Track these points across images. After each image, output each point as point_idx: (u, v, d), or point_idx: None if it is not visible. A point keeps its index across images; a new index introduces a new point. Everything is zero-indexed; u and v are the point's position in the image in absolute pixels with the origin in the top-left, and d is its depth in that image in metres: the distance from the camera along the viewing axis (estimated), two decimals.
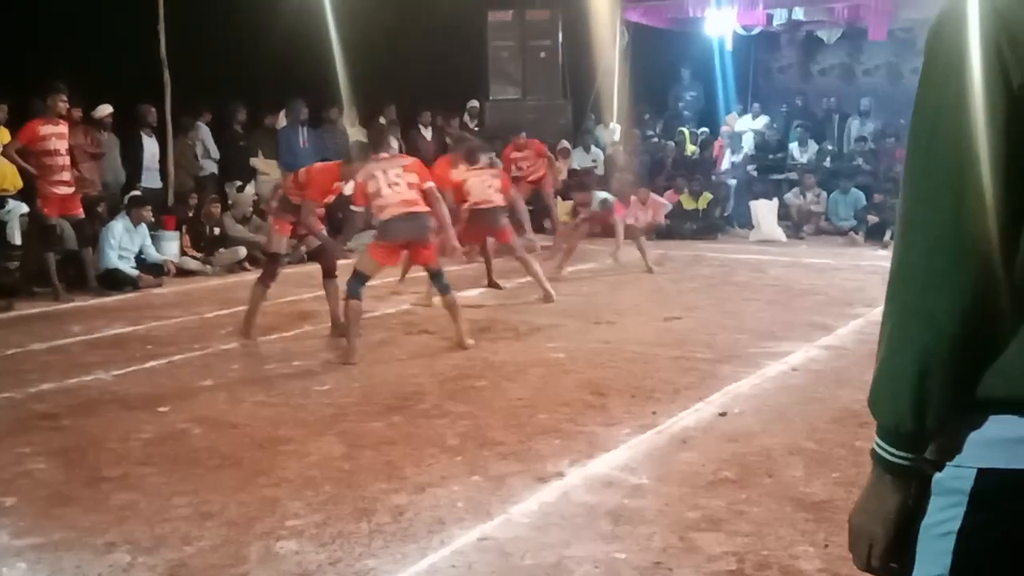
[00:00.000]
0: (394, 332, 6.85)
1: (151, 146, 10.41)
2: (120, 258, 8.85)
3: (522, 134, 12.18)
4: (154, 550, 3.26)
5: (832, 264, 9.94)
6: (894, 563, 1.27)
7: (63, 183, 8.43)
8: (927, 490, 1.24)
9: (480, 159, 8.42)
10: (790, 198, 12.75)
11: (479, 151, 8.36)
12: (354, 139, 10.93)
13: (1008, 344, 1.17)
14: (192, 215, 10.11)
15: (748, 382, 5.35)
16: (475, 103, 13.89)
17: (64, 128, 8.52)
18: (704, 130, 14.55)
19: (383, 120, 12.01)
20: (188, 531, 3.41)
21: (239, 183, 11.09)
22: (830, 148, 13.84)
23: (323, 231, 6.56)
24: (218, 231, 10.14)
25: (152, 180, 10.41)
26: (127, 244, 8.98)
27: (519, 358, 5.97)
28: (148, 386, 5.45)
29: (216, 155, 11.26)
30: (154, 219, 9.42)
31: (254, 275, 7.46)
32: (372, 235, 6.42)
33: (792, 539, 3.28)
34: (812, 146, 13.71)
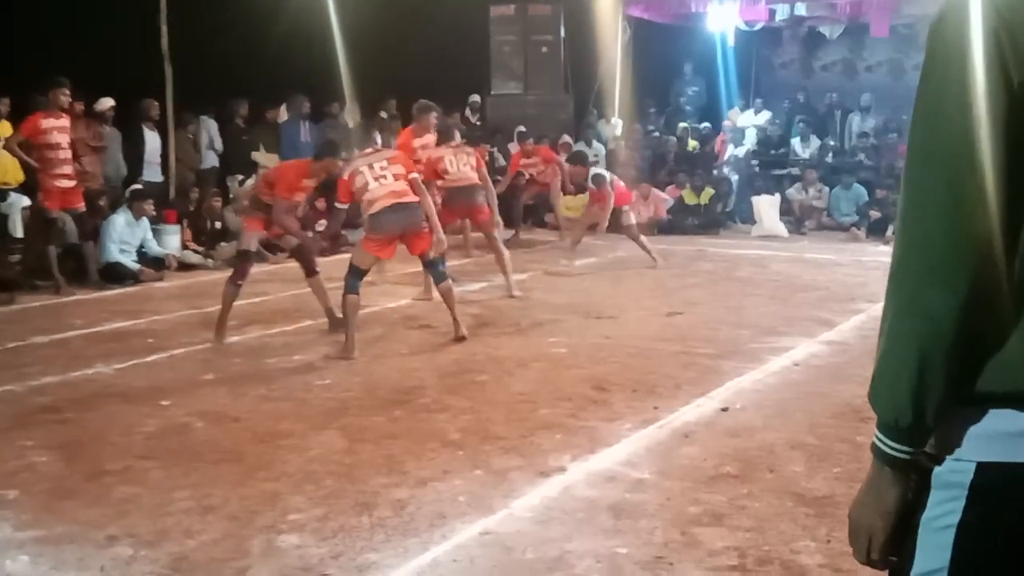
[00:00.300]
0: (395, 327, 6.85)
1: (152, 140, 10.41)
2: (121, 252, 8.86)
3: (523, 131, 12.20)
4: (156, 543, 3.27)
5: (834, 259, 9.92)
6: (894, 556, 1.28)
7: (65, 176, 8.42)
8: (927, 484, 1.25)
9: (455, 136, 8.40)
10: (792, 193, 12.72)
11: (454, 128, 8.32)
12: (355, 133, 10.96)
13: (1008, 339, 1.17)
14: (193, 209, 10.13)
15: (750, 377, 5.35)
16: (476, 97, 13.86)
17: (66, 121, 8.51)
18: (706, 125, 14.52)
19: (384, 114, 12.00)
20: (190, 525, 3.42)
21: (240, 177, 11.10)
22: (832, 144, 13.82)
23: (298, 229, 6.52)
24: (219, 225, 10.16)
25: (153, 174, 10.41)
26: (128, 238, 8.99)
27: (521, 353, 5.97)
28: (149, 380, 5.46)
29: (220, 147, 11.27)
30: (155, 213, 9.43)
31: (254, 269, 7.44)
32: (364, 229, 6.36)
33: (793, 534, 3.28)
34: (814, 141, 13.68)
